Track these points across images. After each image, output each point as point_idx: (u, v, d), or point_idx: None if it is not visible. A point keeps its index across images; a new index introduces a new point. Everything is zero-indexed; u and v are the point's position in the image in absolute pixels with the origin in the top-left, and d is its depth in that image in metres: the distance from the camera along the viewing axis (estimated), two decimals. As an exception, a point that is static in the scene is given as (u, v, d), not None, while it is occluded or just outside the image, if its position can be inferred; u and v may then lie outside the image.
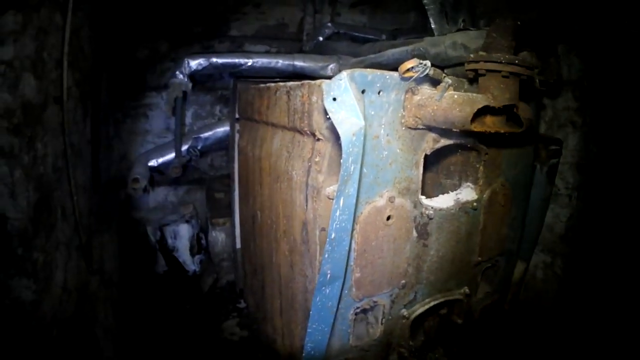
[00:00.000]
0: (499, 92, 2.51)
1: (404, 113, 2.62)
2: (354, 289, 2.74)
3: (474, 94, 2.52)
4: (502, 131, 2.62)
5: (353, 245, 2.63)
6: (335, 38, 4.91)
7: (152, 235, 4.96)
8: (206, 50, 4.46)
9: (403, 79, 2.50)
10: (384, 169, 2.64)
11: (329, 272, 2.53)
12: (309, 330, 2.68)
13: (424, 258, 2.98)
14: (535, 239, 4.01)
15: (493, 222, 3.27)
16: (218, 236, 4.63)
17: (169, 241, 4.90)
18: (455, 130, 2.53)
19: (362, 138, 2.31)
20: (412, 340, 3.61)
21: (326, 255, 2.47)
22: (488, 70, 2.55)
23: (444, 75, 2.55)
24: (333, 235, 2.43)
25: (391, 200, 2.68)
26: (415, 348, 3.57)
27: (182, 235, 4.84)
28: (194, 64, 4.36)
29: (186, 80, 4.42)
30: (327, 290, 2.59)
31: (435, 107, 2.53)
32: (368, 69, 2.45)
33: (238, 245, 4.45)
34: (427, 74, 2.48)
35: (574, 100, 3.73)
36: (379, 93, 2.49)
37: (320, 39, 4.89)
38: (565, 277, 3.99)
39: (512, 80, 2.53)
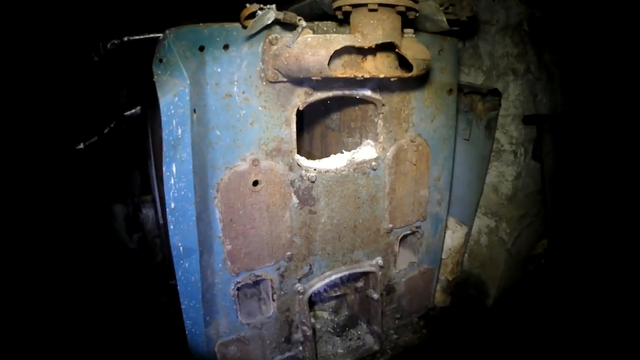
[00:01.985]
0: (369, 30, 2.32)
1: (263, 66, 2.46)
2: (228, 263, 2.66)
3: (332, 35, 2.34)
4: (381, 76, 2.44)
5: (217, 215, 2.55)
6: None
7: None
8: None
9: (244, 27, 2.31)
10: (244, 130, 2.50)
11: (179, 244, 2.47)
12: (182, 307, 2.66)
13: (313, 227, 2.84)
14: (476, 201, 3.77)
15: (404, 184, 3.08)
16: (148, 213, 4.59)
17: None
18: (315, 78, 2.35)
19: (187, 98, 2.24)
20: (335, 315, 3.52)
21: (172, 227, 2.41)
22: (354, 6, 2.36)
23: (299, 18, 2.34)
24: (173, 205, 2.38)
25: (255, 163, 2.55)
26: (337, 324, 3.46)
27: (117, 214, 4.83)
28: (109, 44, 4.28)
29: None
30: (187, 264, 2.53)
31: (287, 55, 2.36)
32: (202, 24, 2.29)
33: (161, 221, 4.40)
34: (278, 19, 2.30)
35: (514, 46, 3.45)
36: (225, 48, 2.35)
37: None
38: (512, 243, 3.72)
39: (385, 14, 2.32)
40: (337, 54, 2.38)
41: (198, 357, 2.85)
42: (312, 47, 2.27)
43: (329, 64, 2.32)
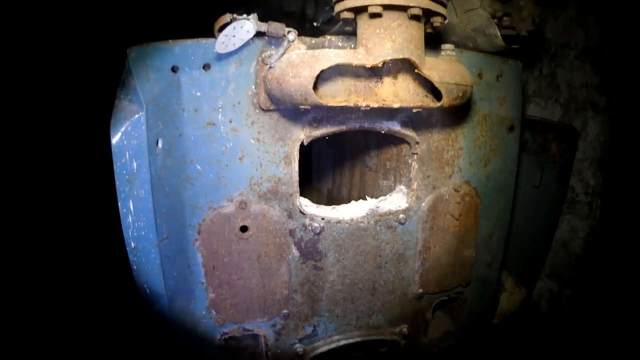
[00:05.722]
0: (374, 42, 1.40)
1: (256, 91, 1.60)
2: (213, 312, 1.84)
3: (322, 50, 1.42)
4: (396, 106, 1.49)
5: (199, 258, 1.75)
6: (333, 22, 3.74)
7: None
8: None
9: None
10: (232, 166, 1.67)
11: (145, 286, 1.71)
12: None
13: (319, 284, 1.89)
14: (541, 259, 2.48)
15: (442, 242, 2.00)
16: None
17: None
18: (303, 107, 1.45)
19: (142, 127, 1.49)
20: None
21: (134, 268, 1.67)
22: (354, 11, 1.44)
23: (288, 30, 1.45)
24: (133, 245, 1.62)
25: (242, 206, 1.68)
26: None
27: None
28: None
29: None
30: (156, 307, 1.76)
31: (270, 77, 1.47)
32: (178, 40, 1.53)
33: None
34: (261, 32, 1.44)
35: (594, 74, 2.19)
36: (205, 68, 1.56)
37: (315, 24, 3.74)
38: (574, 313, 2.37)
39: (395, 20, 1.37)
40: (340, 74, 1.45)
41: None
42: (295, 66, 1.36)
43: (323, 87, 1.42)
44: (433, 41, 1.74)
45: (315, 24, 3.68)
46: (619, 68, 2.13)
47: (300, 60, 1.36)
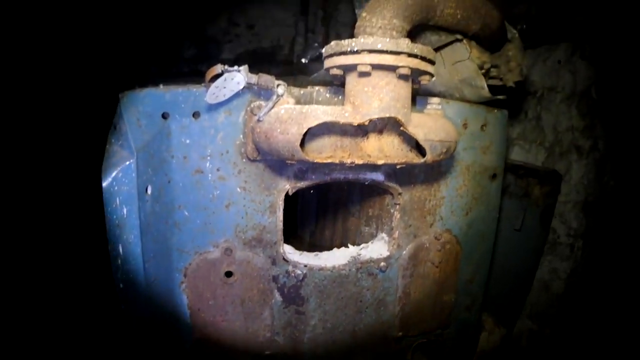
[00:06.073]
0: (362, 100, 1.39)
1: (244, 140, 1.58)
2: (197, 351, 1.78)
3: (310, 107, 1.40)
4: (380, 162, 1.47)
5: (185, 300, 1.71)
6: (321, 60, 3.66)
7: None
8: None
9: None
10: (218, 213, 1.64)
11: (133, 324, 1.71)
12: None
13: (301, 328, 1.85)
14: (522, 300, 2.48)
15: (422, 288, 1.97)
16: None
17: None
18: (290, 162, 1.43)
19: (133, 174, 1.50)
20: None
21: (123, 306, 1.68)
22: (344, 69, 1.43)
23: (277, 83, 1.43)
24: (122, 286, 1.63)
25: (228, 252, 1.64)
26: None
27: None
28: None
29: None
30: (144, 341, 1.77)
31: (258, 130, 1.45)
32: (169, 87, 1.51)
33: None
34: (252, 83, 1.42)
35: (580, 118, 2.20)
36: (195, 116, 1.53)
37: (303, 60, 3.71)
38: (554, 352, 2.37)
39: (383, 79, 1.37)
40: (326, 130, 1.43)
41: None
42: (283, 122, 1.34)
43: (310, 142, 1.41)
44: (419, 91, 1.75)
45: (303, 60, 3.67)
46: (606, 111, 2.15)
47: (288, 117, 1.34)
